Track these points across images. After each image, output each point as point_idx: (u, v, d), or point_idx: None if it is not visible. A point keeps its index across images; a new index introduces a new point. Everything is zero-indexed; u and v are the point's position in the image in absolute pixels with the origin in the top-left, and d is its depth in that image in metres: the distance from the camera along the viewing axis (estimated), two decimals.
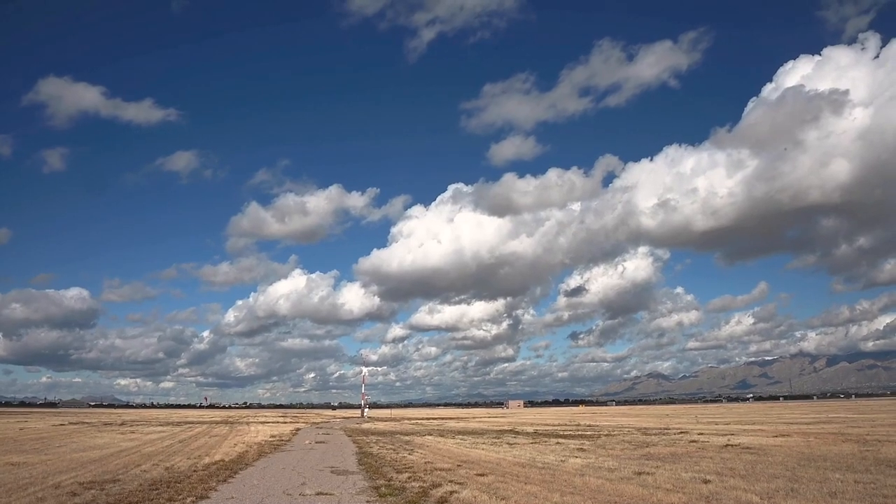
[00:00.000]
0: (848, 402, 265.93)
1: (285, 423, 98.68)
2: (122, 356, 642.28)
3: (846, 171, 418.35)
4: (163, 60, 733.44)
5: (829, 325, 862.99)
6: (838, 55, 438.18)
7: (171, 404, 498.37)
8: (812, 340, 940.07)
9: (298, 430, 71.20)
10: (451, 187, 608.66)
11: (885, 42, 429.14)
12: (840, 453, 29.67)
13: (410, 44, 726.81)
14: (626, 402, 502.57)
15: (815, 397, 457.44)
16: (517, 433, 58.69)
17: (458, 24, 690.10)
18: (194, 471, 26.40)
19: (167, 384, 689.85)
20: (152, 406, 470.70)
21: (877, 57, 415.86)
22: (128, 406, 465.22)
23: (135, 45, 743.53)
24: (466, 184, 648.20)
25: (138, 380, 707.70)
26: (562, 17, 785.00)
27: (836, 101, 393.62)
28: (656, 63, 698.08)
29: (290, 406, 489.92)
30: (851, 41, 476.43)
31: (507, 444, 43.42)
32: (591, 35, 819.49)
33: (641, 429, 61.56)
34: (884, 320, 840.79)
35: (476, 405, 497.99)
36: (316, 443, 46.74)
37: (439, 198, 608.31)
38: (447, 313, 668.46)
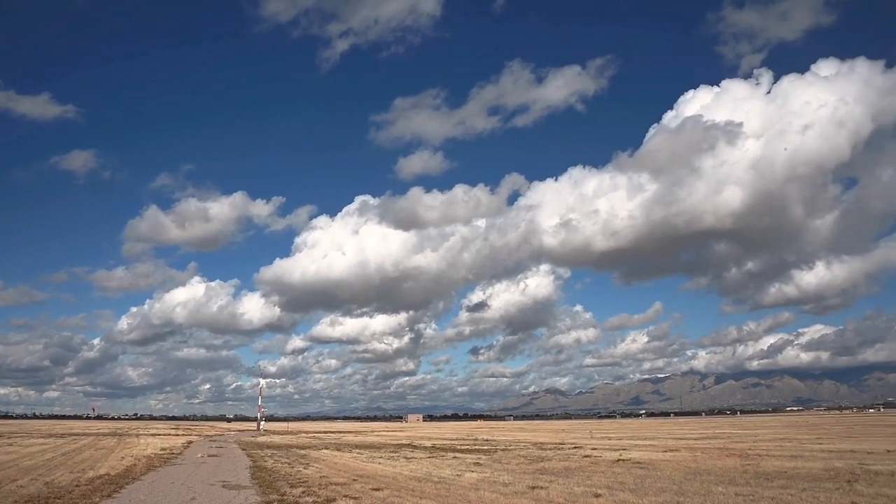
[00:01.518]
0: (733, 418, 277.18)
1: (177, 435, 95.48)
2: (2, 363, 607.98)
3: (738, 198, 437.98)
4: (63, 54, 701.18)
5: (718, 345, 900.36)
6: (735, 88, 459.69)
7: (56, 415, 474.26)
8: (702, 359, 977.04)
9: (191, 442, 69.05)
10: (358, 199, 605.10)
11: (776, 79, 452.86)
12: (724, 467, 30.83)
13: (323, 54, 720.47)
14: (524, 417, 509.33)
15: (703, 413, 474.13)
16: (415, 447, 58.57)
17: (371, 38, 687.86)
18: (76, 485, 25.21)
19: (52, 394, 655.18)
20: (34, 417, 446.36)
21: (769, 92, 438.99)
22: (7, 417, 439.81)
23: (34, 35, 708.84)
24: (373, 196, 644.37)
25: (20, 389, 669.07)
26: (475, 36, 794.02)
27: (731, 132, 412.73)
28: (564, 86, 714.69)
29: (184, 418, 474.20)
30: (747, 76, 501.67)
31: (405, 458, 43.26)
32: (503, 56, 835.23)
33: (537, 443, 62.45)
34: (768, 341, 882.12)
35: (375, 419, 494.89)
36: (208, 456, 45.39)
37: (345, 209, 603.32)
38: (349, 326, 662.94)
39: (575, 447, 53.64)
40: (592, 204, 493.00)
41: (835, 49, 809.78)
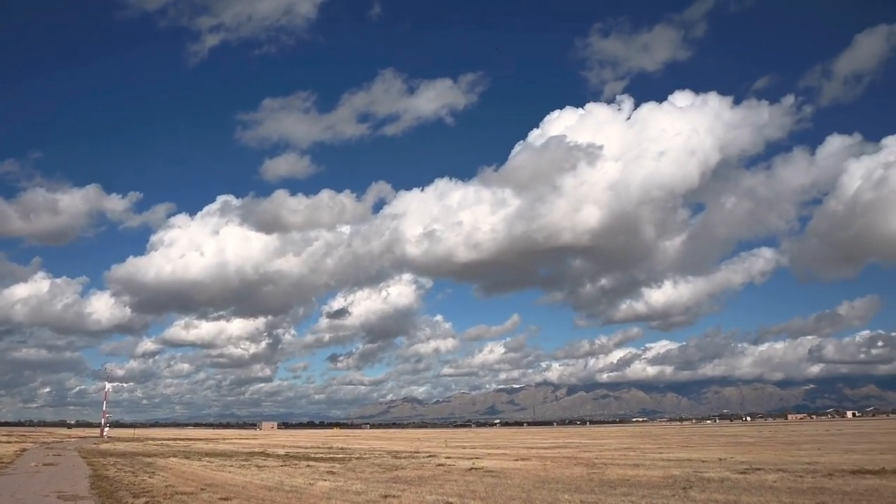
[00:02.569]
0: (583, 428, 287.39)
1: (9, 442, 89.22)
2: None
3: (596, 217, 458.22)
4: None
5: (571, 357, 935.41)
6: (598, 112, 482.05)
7: None
8: (555, 371, 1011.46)
9: (24, 450, 64.73)
10: (220, 199, 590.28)
11: (636, 106, 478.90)
12: (571, 476, 31.84)
13: (192, 47, 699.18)
14: (380, 426, 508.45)
15: (555, 424, 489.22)
16: (268, 455, 57.28)
17: (244, 34, 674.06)
18: None
19: None
20: None
21: (629, 118, 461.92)
22: None
23: None
24: (236, 197, 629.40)
25: None
26: (349, 42, 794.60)
27: (592, 153, 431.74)
28: (435, 98, 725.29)
29: (19, 424, 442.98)
30: (610, 101, 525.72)
31: (257, 466, 42.22)
32: (376, 64, 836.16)
33: (392, 452, 62.44)
34: (617, 354, 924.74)
35: (228, 426, 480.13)
36: (44, 465, 42.66)
37: (206, 209, 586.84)
38: (204, 329, 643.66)
39: (429, 456, 53.97)
40: (456, 216, 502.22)
41: (690, 82, 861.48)
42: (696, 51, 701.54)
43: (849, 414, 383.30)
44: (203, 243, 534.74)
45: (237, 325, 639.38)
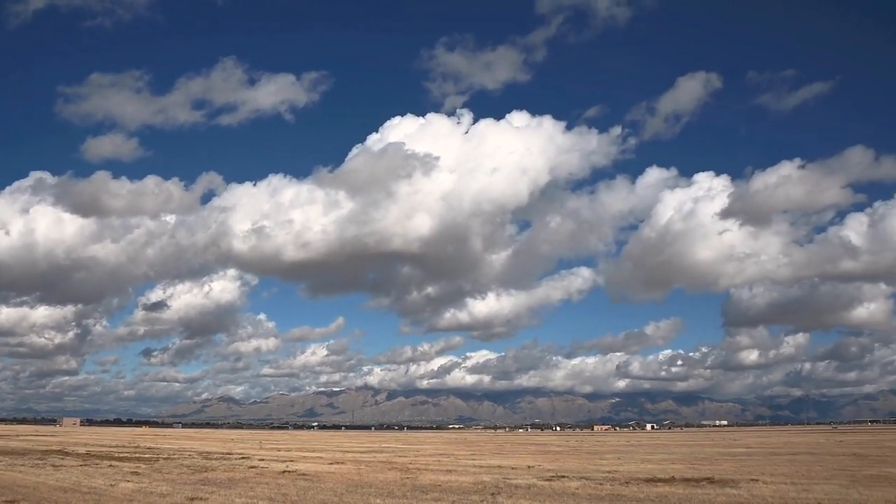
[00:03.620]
0: (400, 433, 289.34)
1: None
2: None
3: (427, 226, 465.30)
4: None
5: (393, 363, 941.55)
6: (438, 123, 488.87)
7: None
8: (377, 375, 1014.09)
9: None
10: (33, 175, 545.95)
11: (475, 121, 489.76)
12: (385, 480, 32.03)
13: (13, 7, 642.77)
14: (193, 425, 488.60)
15: (373, 428, 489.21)
16: (66, 454, 53.66)
17: (76, 3, 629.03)
18: None
19: None
20: None
21: (467, 132, 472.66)
22: None
23: None
24: (52, 174, 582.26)
25: None
26: (192, 25, 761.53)
27: (429, 163, 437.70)
28: (276, 93, 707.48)
29: None
30: (450, 113, 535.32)
31: (52, 466, 39.45)
32: (217, 51, 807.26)
33: (204, 453, 60.27)
34: (439, 362, 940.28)
35: (24, 421, 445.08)
36: None
37: (16, 184, 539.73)
38: (3, 315, 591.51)
39: (242, 457, 52.59)
40: (288, 214, 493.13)
41: (528, 104, 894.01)
42: (535, 74, 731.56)
43: (648, 426, 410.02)
44: (9, 221, 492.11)
45: (42, 313, 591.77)
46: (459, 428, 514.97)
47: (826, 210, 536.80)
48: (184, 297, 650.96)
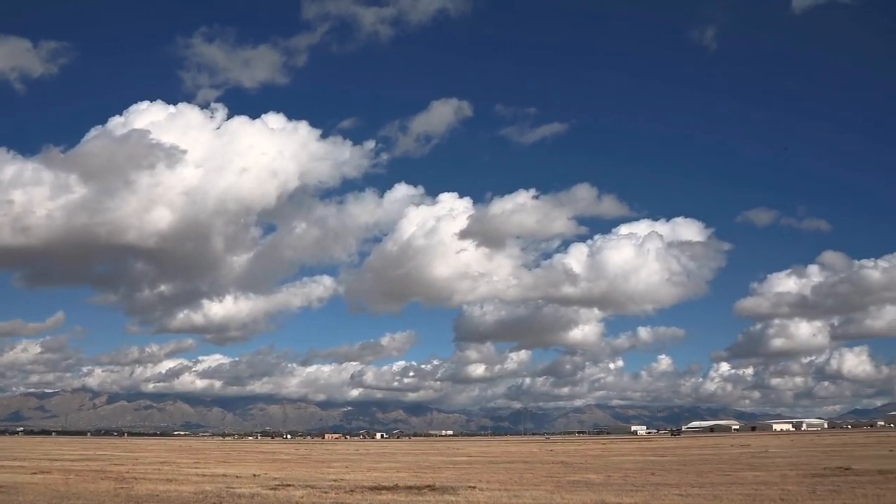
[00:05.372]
0: (120, 439, 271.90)
1: None
2: None
3: (167, 220, 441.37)
4: None
5: (117, 364, 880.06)
6: (189, 114, 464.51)
7: None
8: (97, 376, 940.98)
9: None
10: None
11: (229, 117, 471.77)
12: (96, 490, 29.88)
13: None
14: None
15: (89, 434, 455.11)
16: None
17: None
18: None
19: None
20: None
21: (219, 128, 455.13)
22: None
23: None
24: None
25: None
26: None
27: (175, 155, 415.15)
28: (6, 58, 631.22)
29: None
30: (203, 106, 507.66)
31: None
32: None
33: None
34: (167, 364, 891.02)
35: None
36: None
37: None
38: None
39: None
40: (8, 193, 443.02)
41: (285, 107, 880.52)
42: (295, 78, 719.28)
43: (378, 435, 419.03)
44: None
45: None
46: (185, 435, 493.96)
47: (553, 238, 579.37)
48: None
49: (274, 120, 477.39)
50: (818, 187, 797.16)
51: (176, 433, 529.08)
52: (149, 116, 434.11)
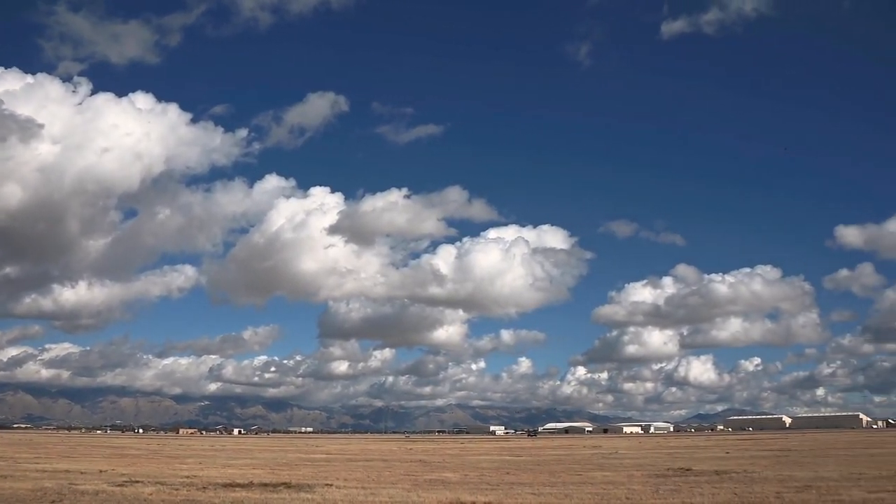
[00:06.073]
0: None
1: None
2: None
3: (17, 198, 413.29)
4: None
5: None
6: (49, 87, 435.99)
7: None
8: None
9: None
10: None
11: (93, 93, 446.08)
12: None
13: None
14: None
15: None
16: None
17: None
18: None
19: None
20: None
21: (81, 104, 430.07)
22: None
23: None
24: None
25: None
26: None
27: (30, 129, 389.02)
28: None
29: None
30: (65, 79, 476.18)
31: None
32: None
33: None
34: (10, 352, 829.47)
35: None
36: None
37: None
38: None
39: None
40: None
41: (154, 87, 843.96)
42: (167, 59, 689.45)
43: (236, 431, 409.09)
44: None
45: None
46: (26, 428, 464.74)
47: (423, 239, 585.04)
48: None
49: (142, 100, 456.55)
50: (675, 205, 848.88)
51: (16, 426, 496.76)
52: (2, 84, 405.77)
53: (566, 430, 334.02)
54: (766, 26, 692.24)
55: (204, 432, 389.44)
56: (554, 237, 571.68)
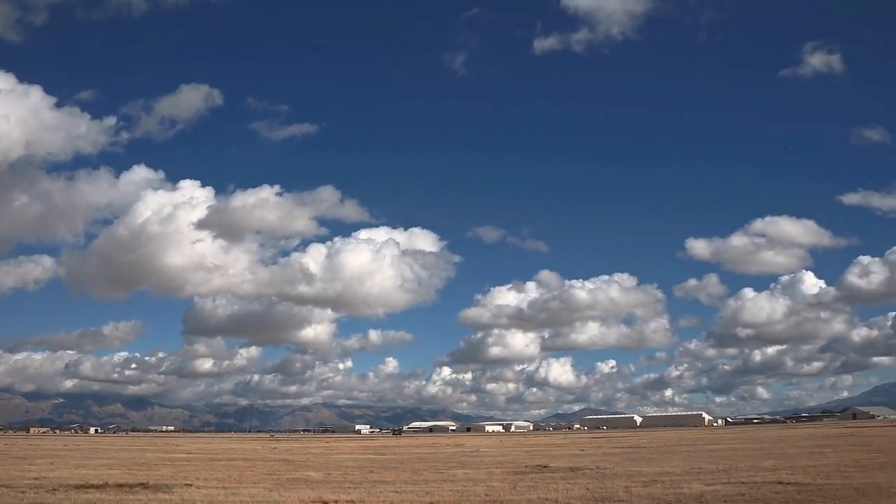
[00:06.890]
0: None
1: None
2: None
3: None
4: None
5: None
6: None
7: None
8: None
9: None
10: None
11: None
12: None
13: None
14: None
15: None
16: None
17: None
18: None
19: None
20: None
21: None
22: None
23: None
24: None
25: None
26: None
27: None
28: None
29: None
30: None
31: None
32: None
33: None
34: None
35: None
36: None
37: None
38: None
39: None
40: None
41: (16, 67, 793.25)
42: (31, 38, 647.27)
43: (92, 430, 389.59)
44: None
45: None
46: None
47: (293, 237, 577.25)
48: None
49: (2, 80, 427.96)
50: (540, 213, 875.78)
51: None
52: None
53: (430, 429, 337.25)
54: (630, 49, 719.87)
55: (58, 431, 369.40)
56: (424, 240, 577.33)
